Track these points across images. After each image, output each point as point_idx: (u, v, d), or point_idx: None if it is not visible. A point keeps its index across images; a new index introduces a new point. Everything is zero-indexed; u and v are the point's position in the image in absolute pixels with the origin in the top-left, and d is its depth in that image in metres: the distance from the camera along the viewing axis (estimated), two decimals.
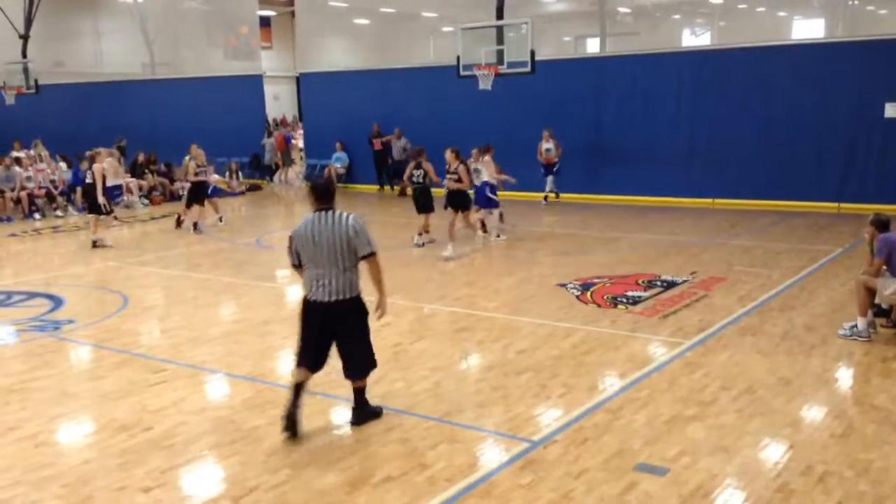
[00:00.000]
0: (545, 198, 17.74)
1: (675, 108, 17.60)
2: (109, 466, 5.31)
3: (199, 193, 15.09)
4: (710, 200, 17.32)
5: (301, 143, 27.33)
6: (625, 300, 9.37)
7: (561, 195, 17.92)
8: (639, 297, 9.52)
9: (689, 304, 9.13)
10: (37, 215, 17.39)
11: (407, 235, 13.48)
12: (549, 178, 17.63)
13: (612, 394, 6.46)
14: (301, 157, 26.93)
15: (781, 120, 16.47)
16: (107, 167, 13.90)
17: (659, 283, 10.15)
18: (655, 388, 6.53)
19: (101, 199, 13.20)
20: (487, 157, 13.32)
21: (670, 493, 4.82)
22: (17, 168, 17.96)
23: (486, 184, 13.10)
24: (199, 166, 15.10)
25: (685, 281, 10.27)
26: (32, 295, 10.25)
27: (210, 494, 4.97)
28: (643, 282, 10.25)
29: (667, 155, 17.56)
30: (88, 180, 13.44)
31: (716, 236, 13.70)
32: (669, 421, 5.86)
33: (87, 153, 14.50)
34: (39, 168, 18.39)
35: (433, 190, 13.09)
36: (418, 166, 12.90)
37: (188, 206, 15.13)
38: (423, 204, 13.04)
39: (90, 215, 13.71)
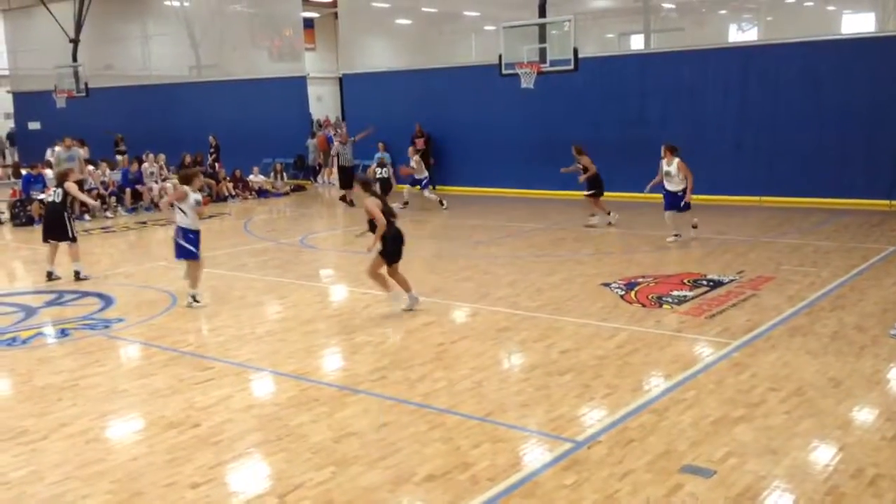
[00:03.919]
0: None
1: (721, 104, 17.35)
2: (158, 463, 5.41)
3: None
4: (757, 198, 17.03)
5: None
6: (670, 300, 9.25)
7: (605, 193, 17.77)
8: (684, 296, 9.40)
9: (737, 304, 8.99)
10: (87, 216, 17.77)
11: (451, 235, 13.51)
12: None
13: (658, 394, 6.38)
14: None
15: (831, 116, 16.13)
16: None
17: (705, 283, 10.01)
18: (702, 389, 6.44)
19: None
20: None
21: (717, 495, 4.75)
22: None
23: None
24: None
25: (732, 280, 10.11)
26: (83, 294, 10.49)
27: (256, 491, 5.03)
28: (689, 281, 10.11)
29: (713, 152, 17.30)
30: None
31: (763, 234, 13.47)
32: (716, 422, 5.78)
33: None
34: (91, 170, 18.80)
35: None
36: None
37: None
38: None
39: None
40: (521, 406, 6.25)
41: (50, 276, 11.25)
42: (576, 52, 15.68)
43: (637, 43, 21.88)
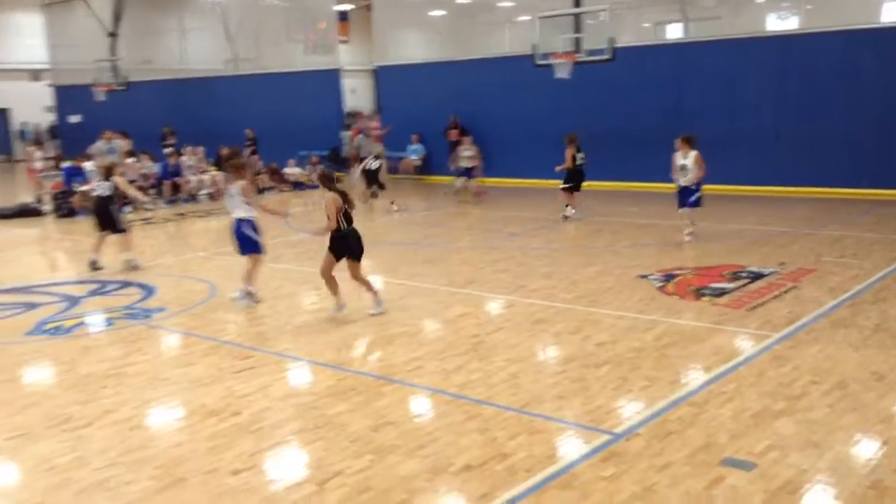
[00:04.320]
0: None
1: (760, 94, 17.10)
2: (200, 450, 5.50)
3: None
4: (797, 189, 16.76)
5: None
6: (709, 292, 9.16)
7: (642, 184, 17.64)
8: (724, 288, 9.29)
9: (777, 296, 8.87)
10: (127, 208, 18.01)
11: (486, 226, 13.49)
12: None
13: (697, 387, 6.33)
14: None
15: (872, 106, 15.83)
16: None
17: (745, 275, 9.89)
18: (742, 382, 6.37)
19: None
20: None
21: (757, 488, 4.70)
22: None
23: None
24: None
25: (772, 272, 9.97)
26: (125, 284, 10.66)
27: (295, 478, 5.09)
28: (728, 273, 10.00)
29: (752, 143, 17.08)
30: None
31: (804, 226, 13.27)
32: (757, 415, 5.72)
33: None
34: (131, 162, 19.08)
35: None
36: (579, 149, 14.32)
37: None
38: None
39: None
40: (557, 398, 6.23)
41: (94, 266, 11.46)
42: (612, 41, 15.54)
43: (674, 32, 21.66)
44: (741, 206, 15.74)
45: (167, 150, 21.56)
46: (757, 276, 9.79)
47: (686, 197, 12.23)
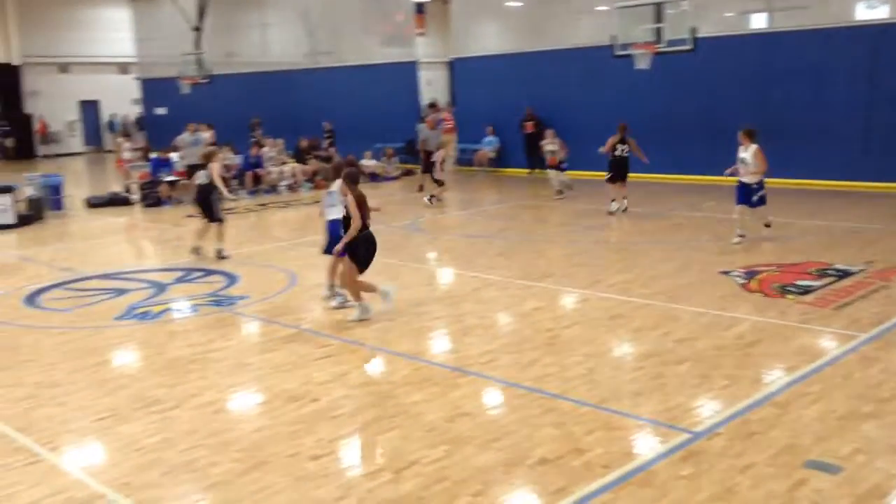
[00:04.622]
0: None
1: (849, 86, 16.45)
2: (281, 434, 5.64)
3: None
4: (887, 184, 16.09)
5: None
6: (794, 289, 8.89)
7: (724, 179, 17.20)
8: (809, 286, 9.01)
9: (865, 295, 8.55)
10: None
11: (561, 219, 13.39)
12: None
13: (780, 387, 6.16)
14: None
15: None
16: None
17: (832, 272, 9.56)
18: (828, 383, 6.18)
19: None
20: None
21: (843, 492, 4.57)
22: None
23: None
24: None
25: (861, 270, 9.62)
26: (209, 272, 10.98)
27: (373, 465, 5.17)
28: (814, 270, 9.69)
29: (840, 136, 16.46)
30: None
31: (894, 223, 12.73)
32: (843, 417, 5.54)
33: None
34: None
35: None
36: (623, 140, 14.23)
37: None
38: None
39: None
40: (635, 394, 6.16)
41: (196, 252, 11.76)
42: (693, 31, 15.20)
43: (758, 22, 20.98)
44: (828, 201, 15.21)
45: (253, 139, 22.06)
46: (844, 274, 9.46)
47: (747, 195, 11.46)
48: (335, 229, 8.70)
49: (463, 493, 4.73)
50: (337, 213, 8.68)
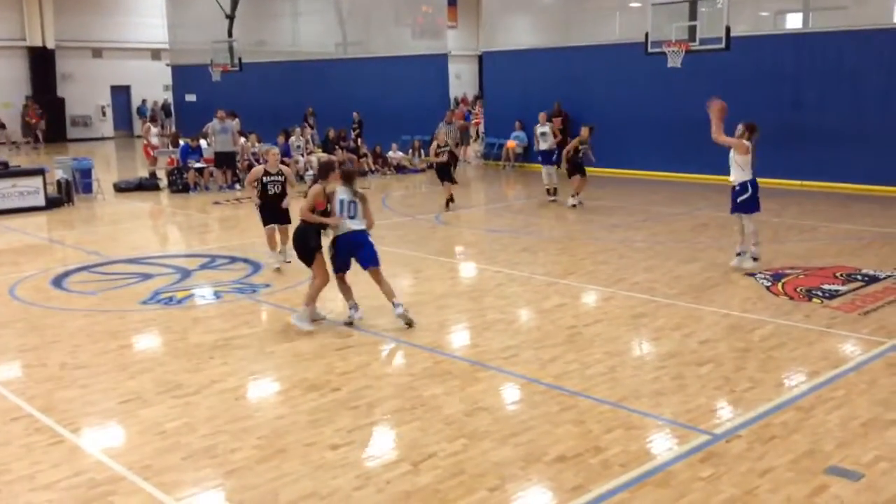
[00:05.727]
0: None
1: (885, 88, 16.19)
2: (301, 422, 5.68)
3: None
4: None
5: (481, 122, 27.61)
6: (820, 293, 8.78)
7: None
8: (836, 290, 8.89)
9: (893, 301, 8.43)
10: (237, 185, 18.66)
11: (586, 216, 13.32)
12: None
13: (804, 391, 6.09)
14: (479, 136, 27.22)
15: None
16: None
17: (859, 277, 9.43)
18: (852, 389, 6.10)
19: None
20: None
21: (864, 499, 4.51)
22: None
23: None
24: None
25: (889, 276, 9.48)
26: (234, 259, 11.07)
27: (391, 456, 5.19)
28: (842, 275, 9.56)
29: (875, 140, 16.21)
30: None
31: None
32: (866, 424, 5.47)
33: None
34: (242, 143, 19.71)
35: None
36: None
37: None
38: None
39: None
40: (655, 394, 6.12)
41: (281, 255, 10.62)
42: (728, 30, 15.03)
43: (794, 22, 20.70)
44: (858, 205, 14.99)
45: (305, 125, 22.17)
46: (872, 280, 9.32)
47: (733, 198, 10.02)
48: (344, 244, 8.06)
49: (479, 488, 4.73)
50: (358, 225, 8.10)
